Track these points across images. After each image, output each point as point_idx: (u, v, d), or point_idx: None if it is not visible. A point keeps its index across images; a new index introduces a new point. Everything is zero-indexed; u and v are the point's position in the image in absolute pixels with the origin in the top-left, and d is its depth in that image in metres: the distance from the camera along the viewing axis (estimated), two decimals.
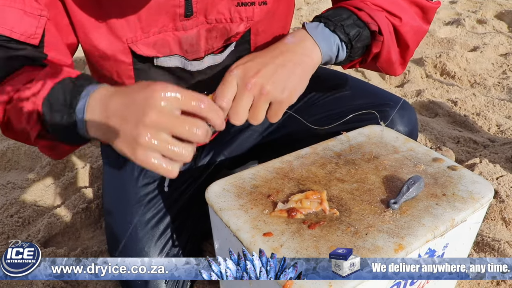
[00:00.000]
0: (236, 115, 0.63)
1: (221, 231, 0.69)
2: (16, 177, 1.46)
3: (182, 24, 0.77)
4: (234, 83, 0.64)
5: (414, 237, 0.61)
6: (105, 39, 0.77)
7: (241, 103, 0.63)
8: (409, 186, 0.68)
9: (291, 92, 0.66)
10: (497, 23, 2.79)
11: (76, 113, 0.59)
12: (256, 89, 0.63)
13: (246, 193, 0.70)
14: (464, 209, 0.67)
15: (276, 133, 1.03)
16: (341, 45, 0.73)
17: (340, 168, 0.76)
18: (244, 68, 0.65)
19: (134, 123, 0.53)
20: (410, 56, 0.83)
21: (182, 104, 0.54)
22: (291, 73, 0.66)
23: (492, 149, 1.50)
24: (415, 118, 0.95)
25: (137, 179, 0.96)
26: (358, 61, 0.81)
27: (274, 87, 0.64)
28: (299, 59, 0.68)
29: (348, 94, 0.98)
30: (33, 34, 0.67)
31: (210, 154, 1.03)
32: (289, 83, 0.66)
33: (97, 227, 1.24)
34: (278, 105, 0.66)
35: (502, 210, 1.18)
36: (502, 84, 2.01)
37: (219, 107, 0.62)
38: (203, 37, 0.80)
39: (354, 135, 0.86)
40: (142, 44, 0.78)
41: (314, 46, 0.70)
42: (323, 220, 0.64)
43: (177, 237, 0.96)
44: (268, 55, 0.67)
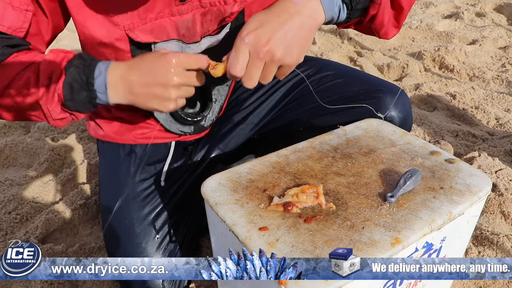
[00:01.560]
0: (250, 80, 0.70)
1: (217, 226, 0.68)
2: (14, 174, 1.45)
3: (178, 9, 0.78)
4: (246, 51, 0.69)
5: (411, 230, 0.61)
6: (102, 27, 0.78)
7: (255, 71, 0.69)
8: (406, 179, 0.68)
9: (299, 54, 0.71)
10: (496, 16, 2.77)
11: (96, 90, 0.71)
12: (268, 57, 0.69)
13: (242, 187, 0.70)
14: (462, 202, 0.66)
15: (271, 125, 1.03)
16: (342, 6, 0.75)
17: (337, 162, 0.76)
18: (255, 36, 0.68)
19: (163, 87, 0.70)
20: (404, 19, 0.85)
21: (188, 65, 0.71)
22: (298, 37, 0.70)
23: (491, 143, 1.49)
24: (409, 104, 0.96)
25: (134, 175, 0.95)
26: (354, 22, 0.83)
27: (284, 53, 0.69)
28: (305, 21, 0.71)
29: (341, 82, 0.98)
30: (20, 28, 0.73)
31: (205, 148, 1.03)
32: (296, 46, 0.70)
33: (95, 223, 1.24)
34: (288, 67, 0.72)
35: (501, 203, 1.18)
36: (501, 77, 2.00)
37: (232, 75, 0.70)
38: (198, 21, 0.81)
39: (351, 129, 0.86)
40: (139, 31, 0.79)
41: (319, 6, 0.72)
42: (319, 214, 0.64)
43: (174, 232, 0.95)
44: (276, 20, 0.70)
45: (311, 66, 1.02)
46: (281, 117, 1.01)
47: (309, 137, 0.84)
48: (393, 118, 0.92)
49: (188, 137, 1.01)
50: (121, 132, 0.96)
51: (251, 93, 1.03)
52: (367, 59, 2.22)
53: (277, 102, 1.02)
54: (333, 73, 1.00)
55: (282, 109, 1.02)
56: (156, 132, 0.96)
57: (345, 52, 2.33)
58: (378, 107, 0.90)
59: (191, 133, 0.99)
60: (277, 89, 1.02)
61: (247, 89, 1.03)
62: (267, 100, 1.03)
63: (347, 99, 0.94)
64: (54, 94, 0.70)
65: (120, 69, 0.72)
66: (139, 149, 0.98)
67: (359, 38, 2.47)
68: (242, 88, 1.04)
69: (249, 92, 1.03)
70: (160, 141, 0.99)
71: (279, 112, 1.02)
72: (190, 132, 0.99)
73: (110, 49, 0.82)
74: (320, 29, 2.66)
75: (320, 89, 0.98)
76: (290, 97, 1.01)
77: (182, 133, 0.98)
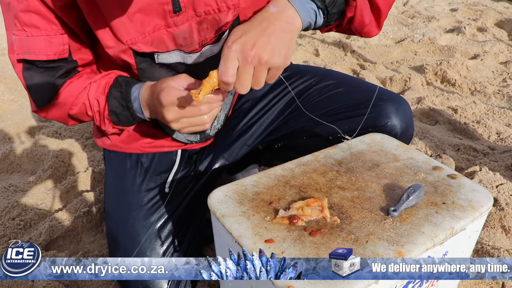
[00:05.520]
0: (242, 86, 0.72)
1: (223, 237, 0.69)
2: (18, 180, 1.46)
3: (173, 20, 0.80)
4: (235, 58, 0.71)
5: (414, 245, 0.62)
6: (111, 41, 0.81)
7: (245, 76, 0.71)
8: (409, 194, 0.69)
9: (285, 56, 0.73)
10: (497, 31, 2.80)
11: (136, 111, 0.84)
12: (256, 60, 0.71)
13: (248, 199, 0.71)
14: (464, 218, 0.67)
15: (275, 134, 1.04)
16: (318, 12, 0.78)
17: (341, 175, 0.77)
18: (241, 43, 0.71)
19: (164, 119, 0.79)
20: (384, 19, 0.87)
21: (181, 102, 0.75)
22: (281, 40, 0.73)
23: (492, 157, 1.50)
24: (410, 112, 0.97)
25: (140, 185, 0.97)
26: (334, 25, 0.85)
27: (270, 55, 0.71)
28: (285, 26, 0.74)
29: (343, 90, 1.00)
30: (62, 50, 0.82)
31: (210, 156, 1.04)
32: (281, 49, 0.73)
33: (98, 231, 1.25)
34: (276, 70, 0.74)
35: (502, 218, 1.19)
36: (502, 92, 2.02)
37: (225, 82, 0.71)
38: (195, 30, 0.83)
39: (355, 143, 0.87)
40: (141, 43, 0.81)
41: (295, 13, 0.76)
42: (324, 227, 0.65)
43: (179, 242, 0.96)
44: (258, 27, 0.73)
45: (314, 75, 1.04)
46: (284, 126, 1.03)
47: (312, 145, 0.85)
48: (395, 127, 0.93)
49: (193, 145, 1.02)
50: (128, 141, 0.98)
51: (255, 103, 1.05)
52: (370, 72, 2.24)
53: (280, 112, 1.04)
54: (335, 82, 1.02)
55: (285, 118, 1.03)
56: (162, 141, 0.98)
57: (348, 64, 2.35)
58: (379, 115, 0.92)
59: (197, 141, 1.01)
60: (280, 99, 1.04)
61: (251, 98, 1.05)
62: (271, 110, 1.04)
63: (349, 107, 0.95)
64: (105, 119, 0.86)
65: (146, 94, 0.82)
66: (145, 159, 0.99)
67: (362, 51, 2.49)
68: (246, 97, 1.05)
69: (253, 101, 1.05)
70: (167, 149, 1.00)
71: (283, 121, 1.03)
72: (196, 140, 1.00)
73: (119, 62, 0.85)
74: (324, 42, 2.68)
75: (322, 98, 0.99)
76: (293, 106, 1.02)
77: (189, 141, 1.00)
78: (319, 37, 2.77)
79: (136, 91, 0.83)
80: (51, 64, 0.82)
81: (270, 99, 1.05)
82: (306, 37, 2.79)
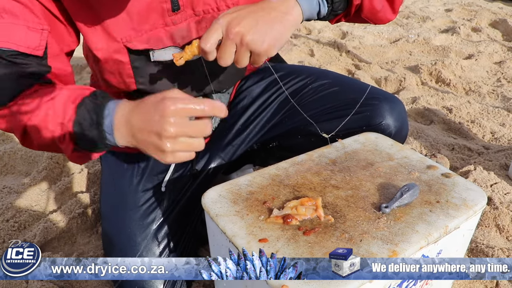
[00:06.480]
0: (222, 59, 0.72)
1: (217, 237, 0.69)
2: (12, 182, 1.45)
3: (171, 19, 0.80)
4: (219, 30, 0.71)
5: (408, 243, 0.62)
6: (101, 41, 0.80)
7: (225, 49, 0.71)
8: (402, 192, 0.69)
9: (269, 45, 0.72)
10: (492, 31, 2.82)
11: (105, 130, 0.68)
12: (237, 38, 0.70)
13: (242, 199, 0.71)
14: (458, 216, 0.68)
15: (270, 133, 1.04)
16: (322, 1, 0.77)
17: (335, 175, 0.77)
18: (229, 18, 0.71)
19: (157, 136, 0.64)
20: (399, 3, 0.86)
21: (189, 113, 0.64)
22: (271, 28, 0.72)
23: (486, 156, 1.51)
24: (405, 112, 0.97)
25: (137, 185, 0.96)
26: (342, 15, 0.84)
27: (253, 38, 0.70)
28: (281, 16, 0.73)
29: (338, 90, 1.00)
30: (38, 46, 0.72)
31: (206, 156, 1.04)
32: (268, 36, 0.71)
33: (93, 232, 1.24)
34: (257, 56, 0.73)
35: (496, 217, 1.19)
36: (496, 92, 2.03)
37: (203, 50, 0.71)
38: (193, 29, 0.83)
39: (349, 142, 0.87)
40: (136, 41, 0.81)
41: (295, 4, 0.75)
42: (318, 226, 0.65)
43: (176, 242, 0.96)
44: (252, 10, 0.73)
45: (309, 75, 1.04)
46: (280, 125, 1.03)
47: (307, 144, 0.85)
48: (389, 126, 0.93)
49: None
50: None
51: (251, 101, 1.05)
52: (365, 72, 2.24)
53: (276, 111, 1.04)
54: (330, 81, 1.02)
55: (281, 117, 1.03)
56: None
57: (343, 64, 2.35)
58: (374, 115, 0.92)
59: None
60: (275, 98, 1.04)
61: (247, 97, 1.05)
62: (267, 109, 1.04)
63: (343, 106, 0.95)
64: (65, 135, 0.69)
65: (126, 110, 0.67)
66: (143, 159, 0.99)
67: (357, 51, 2.50)
68: (242, 96, 1.05)
69: (248, 100, 1.05)
70: None
71: (278, 120, 1.04)
72: None
73: (111, 62, 0.84)
74: (318, 42, 2.69)
75: (317, 97, 1.00)
76: (289, 105, 1.03)
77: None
78: (314, 37, 2.78)
79: (112, 105, 0.68)
80: (20, 59, 0.71)
81: (266, 98, 1.05)
82: (301, 37, 2.79)
